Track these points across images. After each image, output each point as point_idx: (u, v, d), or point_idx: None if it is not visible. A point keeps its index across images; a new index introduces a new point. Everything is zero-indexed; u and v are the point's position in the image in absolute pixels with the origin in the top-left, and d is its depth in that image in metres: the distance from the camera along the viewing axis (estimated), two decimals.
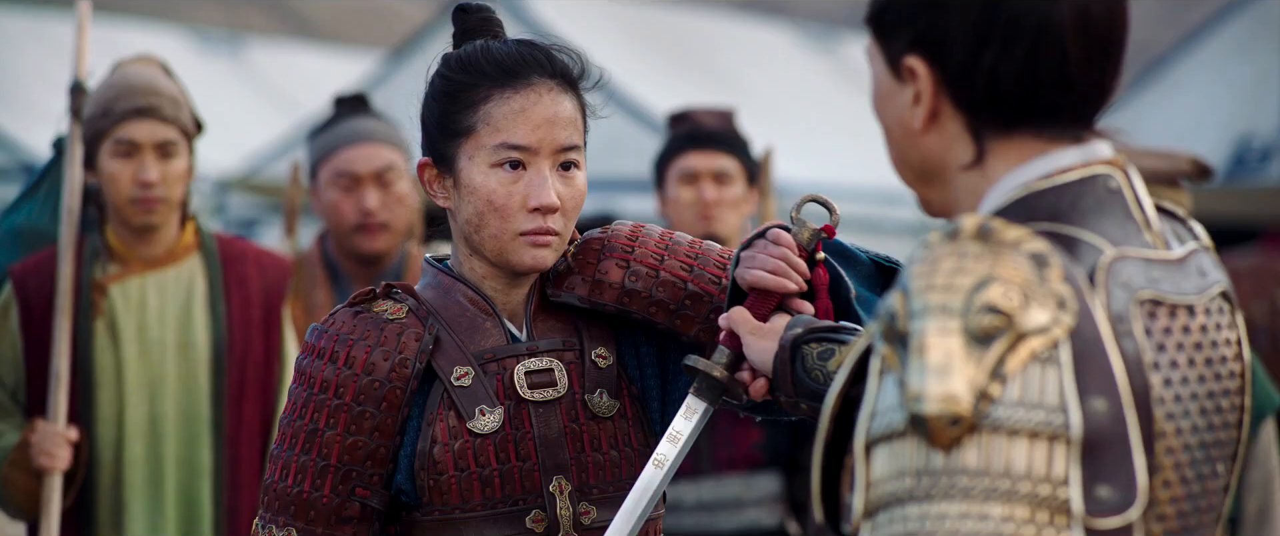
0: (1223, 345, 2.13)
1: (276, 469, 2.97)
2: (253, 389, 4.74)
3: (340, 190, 5.28)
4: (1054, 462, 1.93)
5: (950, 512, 1.92)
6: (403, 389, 2.93)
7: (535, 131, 2.95)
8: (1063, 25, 2.09)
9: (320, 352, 2.96)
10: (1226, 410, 2.13)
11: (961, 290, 1.95)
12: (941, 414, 1.92)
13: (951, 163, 2.15)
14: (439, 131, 3.00)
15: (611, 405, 3.01)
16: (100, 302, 4.67)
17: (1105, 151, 2.13)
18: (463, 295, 3.01)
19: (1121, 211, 2.10)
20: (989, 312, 1.94)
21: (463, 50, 3.03)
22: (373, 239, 5.29)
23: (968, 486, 1.92)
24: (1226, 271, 2.21)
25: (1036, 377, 1.94)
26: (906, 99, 2.16)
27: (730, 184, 5.53)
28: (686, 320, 3.02)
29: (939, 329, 1.94)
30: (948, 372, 1.93)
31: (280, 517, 2.95)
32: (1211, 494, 2.11)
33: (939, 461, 1.93)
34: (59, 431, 4.55)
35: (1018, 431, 1.92)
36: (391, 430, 2.94)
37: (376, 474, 2.94)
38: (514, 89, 2.96)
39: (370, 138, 5.30)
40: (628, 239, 3.06)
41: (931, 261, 1.98)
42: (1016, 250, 1.97)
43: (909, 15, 2.14)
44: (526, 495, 2.95)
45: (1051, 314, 1.95)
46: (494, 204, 2.95)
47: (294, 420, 2.96)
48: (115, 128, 4.64)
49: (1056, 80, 2.10)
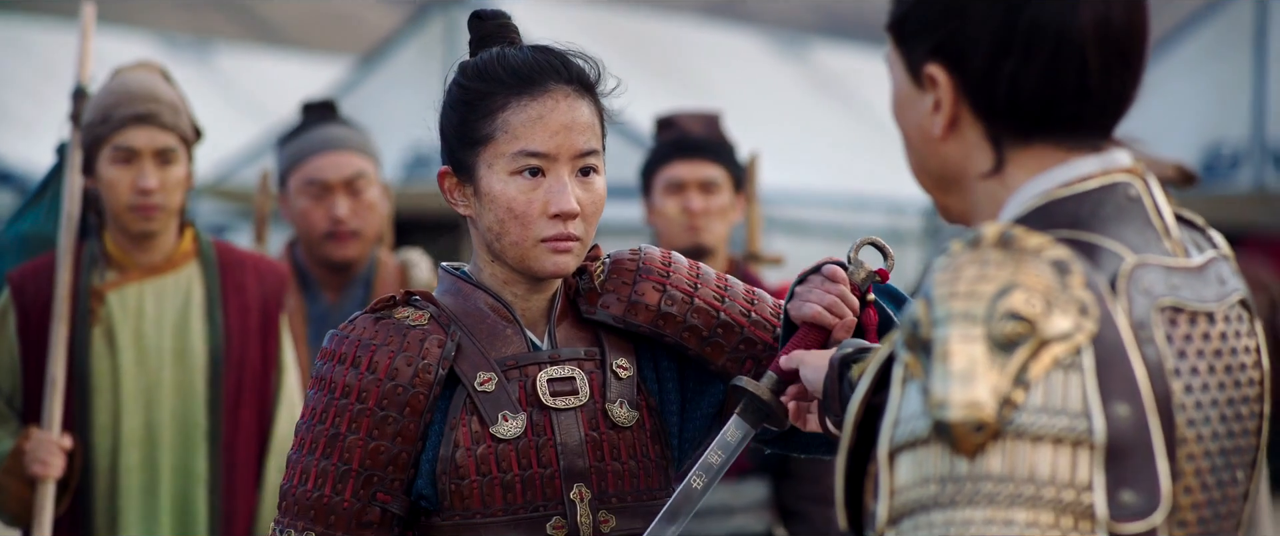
0: (1242, 352, 2.13)
1: (295, 473, 2.96)
2: (249, 396, 4.72)
3: (310, 198, 5.27)
4: (1078, 468, 1.93)
5: (975, 519, 1.92)
6: (426, 394, 2.93)
7: (553, 138, 2.95)
8: (1083, 34, 2.09)
9: (341, 358, 2.96)
10: (1246, 417, 2.13)
11: (984, 297, 1.95)
12: (966, 420, 1.92)
13: (971, 170, 2.15)
14: (458, 140, 3.00)
15: (631, 415, 3.02)
16: (98, 309, 4.65)
17: (1125, 159, 2.13)
18: (484, 302, 3.01)
19: (1141, 219, 2.10)
20: (1012, 319, 1.94)
21: (479, 58, 3.02)
22: (343, 246, 5.28)
23: (992, 492, 1.92)
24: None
25: (1059, 383, 1.94)
26: (926, 106, 2.16)
27: (717, 193, 5.51)
28: (716, 348, 3.07)
29: (962, 336, 1.94)
30: (971, 379, 1.93)
31: (300, 522, 2.94)
32: (1231, 500, 2.12)
33: (963, 468, 1.93)
34: (53, 439, 4.53)
35: (1042, 437, 1.92)
36: (414, 435, 2.93)
37: (398, 479, 2.94)
38: (531, 96, 2.95)
39: (340, 145, 5.29)
40: (662, 263, 3.09)
41: (954, 269, 1.98)
42: (1038, 257, 1.97)
43: (930, 23, 2.14)
44: (547, 502, 2.95)
45: (1074, 320, 1.95)
46: (514, 211, 2.95)
47: (314, 425, 2.96)
48: (114, 134, 4.61)
49: (1076, 89, 2.10)
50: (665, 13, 22.64)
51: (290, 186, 5.30)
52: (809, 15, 44.27)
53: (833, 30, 38.96)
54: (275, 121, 15.99)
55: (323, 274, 5.34)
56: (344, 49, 35.77)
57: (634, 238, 8.14)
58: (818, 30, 37.40)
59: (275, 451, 4.73)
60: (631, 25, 16.04)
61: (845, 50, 20.03)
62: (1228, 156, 11.43)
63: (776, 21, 38.76)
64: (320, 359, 2.99)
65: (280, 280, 4.80)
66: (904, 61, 2.17)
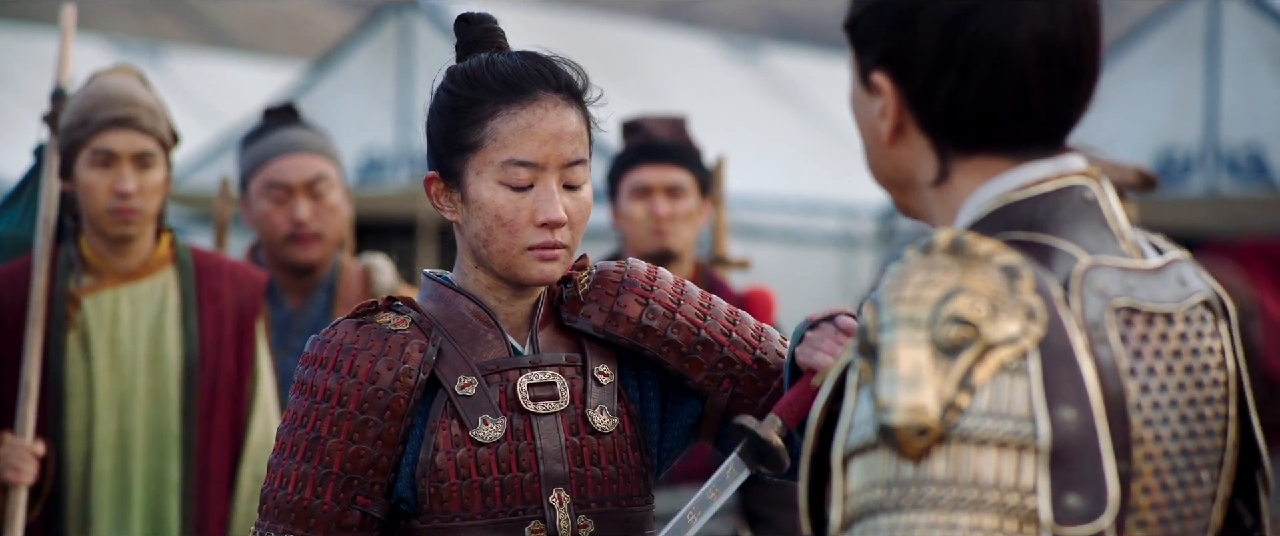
0: (1204, 353, 2.14)
1: (276, 477, 2.97)
2: (224, 403, 4.70)
3: (272, 201, 5.25)
4: (1023, 472, 1.93)
5: (919, 522, 1.93)
6: (407, 398, 2.94)
7: (542, 147, 2.95)
8: (1023, 52, 2.09)
9: (323, 362, 2.96)
10: (1209, 418, 2.14)
11: (929, 302, 1.96)
12: (908, 424, 1.93)
13: (919, 176, 2.16)
14: (445, 147, 3.00)
15: (611, 422, 3.03)
16: (73, 314, 4.62)
17: (1078, 163, 2.13)
18: (465, 307, 3.02)
19: (1098, 221, 2.11)
20: (956, 323, 1.95)
21: (467, 64, 3.02)
22: (305, 249, 5.26)
23: (936, 496, 1.93)
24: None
25: (1005, 388, 1.94)
26: (876, 110, 2.16)
27: (683, 197, 5.52)
28: (695, 365, 3.08)
29: (907, 340, 1.95)
30: (916, 384, 1.94)
31: (280, 525, 2.95)
32: (1196, 501, 2.12)
33: (908, 472, 1.94)
34: (26, 445, 4.50)
35: (986, 441, 1.93)
36: (394, 439, 2.94)
37: (378, 483, 2.94)
38: (520, 104, 2.96)
39: (301, 148, 5.27)
40: (646, 277, 3.10)
41: (903, 274, 1.99)
42: (988, 262, 1.98)
43: (878, 31, 2.14)
44: (527, 506, 2.96)
45: (1020, 324, 1.96)
46: (502, 219, 2.96)
47: (295, 428, 2.96)
48: (93, 137, 4.59)
49: (1016, 107, 2.10)
50: (615, 15, 22.65)
51: (251, 190, 5.28)
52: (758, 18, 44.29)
53: (783, 34, 39.02)
54: (227, 125, 15.94)
55: (286, 279, 5.32)
56: (295, 53, 35.70)
57: (598, 242, 8.14)
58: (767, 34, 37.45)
59: (249, 459, 4.71)
60: (582, 28, 16.04)
61: (796, 54, 20.06)
62: (1180, 161, 11.47)
63: (726, 25, 38.78)
64: (302, 363, 2.99)
65: (257, 286, 4.78)
66: (857, 63, 2.18)
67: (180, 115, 18.02)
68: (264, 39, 43.17)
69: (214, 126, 16.58)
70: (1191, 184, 11.47)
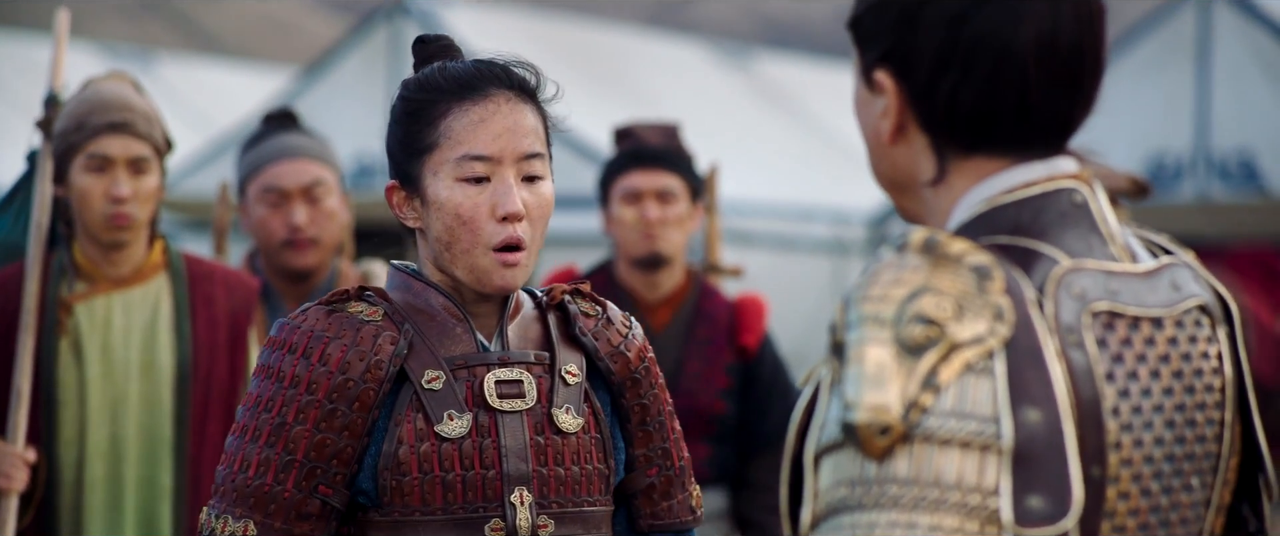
0: (1197, 358, 2.13)
1: (236, 460, 2.96)
2: (216, 410, 4.69)
3: (268, 206, 5.24)
4: (985, 472, 1.93)
5: (880, 521, 1.93)
6: (376, 390, 2.94)
7: (496, 140, 2.98)
8: (1025, 53, 2.08)
9: (292, 348, 2.96)
10: (1201, 423, 2.12)
11: (895, 300, 1.96)
12: (871, 423, 1.93)
13: (919, 177, 2.16)
14: (402, 152, 3.03)
15: (576, 422, 3.04)
16: (65, 321, 4.61)
17: (1069, 166, 2.13)
18: (435, 299, 3.03)
19: (1086, 225, 2.11)
20: (921, 323, 1.95)
21: (420, 73, 3.05)
22: (302, 255, 5.25)
23: (897, 495, 1.93)
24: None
25: (970, 388, 1.94)
26: (878, 109, 2.16)
27: (674, 202, 5.54)
28: (645, 437, 3.15)
29: (872, 339, 1.95)
30: (880, 382, 1.94)
31: (237, 509, 2.94)
32: (1184, 508, 2.11)
33: (872, 471, 1.94)
34: (17, 452, 4.49)
35: (949, 441, 1.93)
36: (360, 430, 2.95)
37: (340, 473, 2.95)
38: (473, 101, 2.99)
39: (299, 153, 5.26)
40: (645, 342, 3.17)
41: (875, 273, 2.00)
42: (959, 263, 1.98)
43: (881, 29, 2.15)
44: (488, 503, 2.97)
45: (987, 325, 1.96)
46: (461, 216, 2.97)
47: (259, 413, 2.96)
48: (88, 142, 4.58)
49: (1016, 108, 2.10)
50: (607, 22, 22.64)
51: (249, 195, 5.27)
52: (749, 25, 44.27)
53: (774, 40, 39.03)
54: (218, 131, 15.92)
55: (283, 285, 5.31)
56: (286, 58, 35.68)
57: (589, 250, 8.13)
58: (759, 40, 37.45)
59: None
60: (575, 35, 16.03)
61: (788, 60, 20.05)
62: (1171, 167, 11.46)
63: (718, 31, 38.77)
64: (268, 347, 2.99)
65: (250, 294, 4.78)
66: (859, 62, 2.18)
67: (172, 121, 17.97)
68: (255, 45, 43.15)
69: (205, 132, 16.56)
70: (1182, 190, 11.47)
